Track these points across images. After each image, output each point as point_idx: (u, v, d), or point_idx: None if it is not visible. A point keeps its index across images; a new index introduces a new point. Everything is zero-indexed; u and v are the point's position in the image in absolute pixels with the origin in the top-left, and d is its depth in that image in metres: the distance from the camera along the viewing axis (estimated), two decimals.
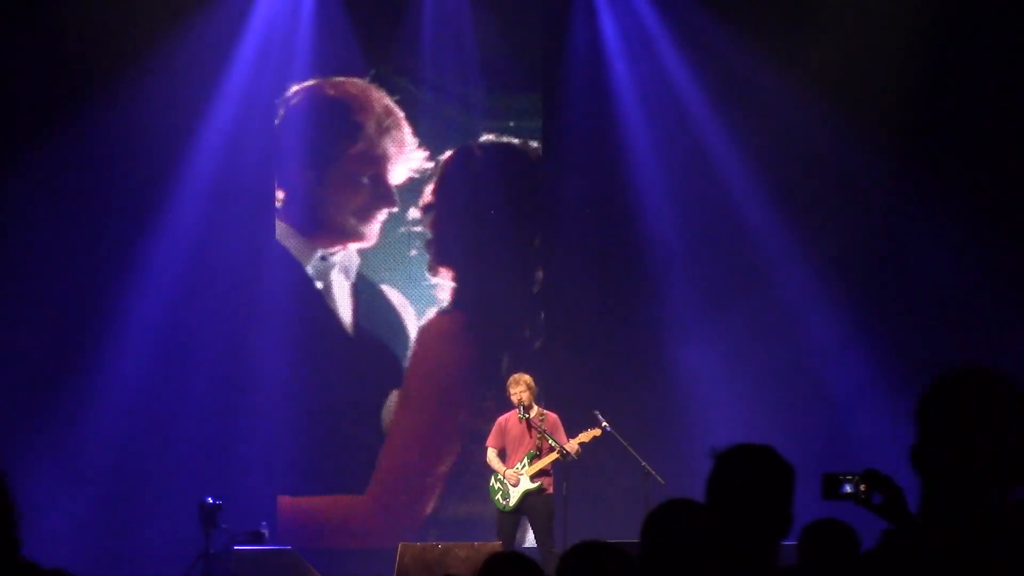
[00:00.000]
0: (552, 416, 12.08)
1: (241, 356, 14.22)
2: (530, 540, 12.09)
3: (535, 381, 12.14)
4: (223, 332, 14.16)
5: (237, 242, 14.32)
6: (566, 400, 13.33)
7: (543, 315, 14.64)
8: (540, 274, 14.76)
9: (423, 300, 14.81)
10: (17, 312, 13.48)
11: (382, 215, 14.85)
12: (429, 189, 14.89)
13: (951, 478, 3.29)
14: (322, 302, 14.70)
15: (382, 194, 14.85)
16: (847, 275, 14.15)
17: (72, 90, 13.70)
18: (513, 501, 11.88)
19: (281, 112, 14.74)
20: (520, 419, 11.93)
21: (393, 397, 14.64)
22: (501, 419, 12.18)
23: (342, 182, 14.84)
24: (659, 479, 11.70)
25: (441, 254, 14.85)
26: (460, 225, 14.84)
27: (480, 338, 14.72)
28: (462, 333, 14.78)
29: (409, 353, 14.74)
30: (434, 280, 14.81)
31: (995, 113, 13.87)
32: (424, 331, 14.77)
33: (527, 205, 14.84)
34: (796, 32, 14.16)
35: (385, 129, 14.88)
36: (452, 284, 14.80)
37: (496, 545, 11.49)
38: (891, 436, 13.22)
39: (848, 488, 3.83)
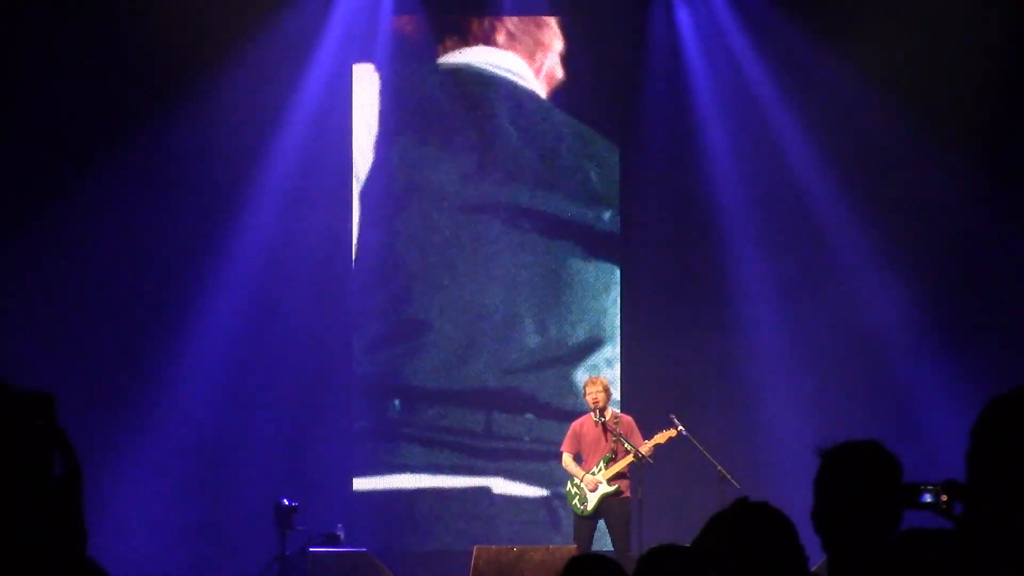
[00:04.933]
0: (627, 418, 12.01)
1: (322, 354, 14.19)
2: (607, 544, 12.02)
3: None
4: (304, 328, 14.11)
5: (320, 238, 14.17)
6: (641, 405, 13.25)
7: (620, 319, 14.47)
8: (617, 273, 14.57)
9: None
10: (101, 305, 13.57)
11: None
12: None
13: None
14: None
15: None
16: (922, 277, 14.02)
17: (157, 87, 13.69)
18: (591, 506, 11.83)
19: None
20: (596, 423, 11.88)
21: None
22: (576, 423, 12.13)
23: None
24: (735, 483, 11.63)
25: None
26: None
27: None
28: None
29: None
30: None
31: None
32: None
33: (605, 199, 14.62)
34: (872, 32, 14.01)
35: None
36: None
37: (572, 548, 11.45)
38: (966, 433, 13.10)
39: (928, 498, 3.77)
